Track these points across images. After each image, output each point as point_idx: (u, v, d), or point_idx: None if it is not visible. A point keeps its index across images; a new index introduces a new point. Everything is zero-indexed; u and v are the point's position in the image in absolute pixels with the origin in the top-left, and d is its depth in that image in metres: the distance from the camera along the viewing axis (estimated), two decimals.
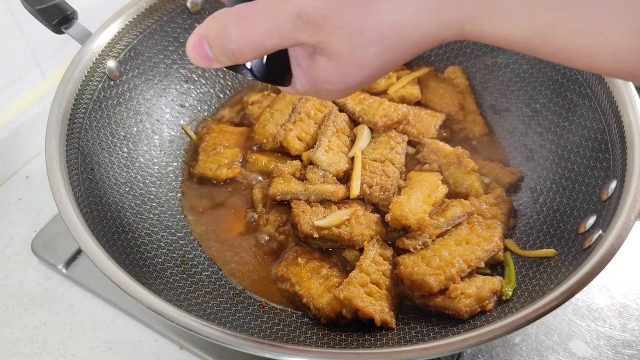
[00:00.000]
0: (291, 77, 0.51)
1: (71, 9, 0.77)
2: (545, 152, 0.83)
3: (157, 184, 0.83)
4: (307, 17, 0.43)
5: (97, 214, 0.70)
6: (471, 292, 0.67)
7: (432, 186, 0.78)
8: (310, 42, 0.44)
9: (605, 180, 0.71)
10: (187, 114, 0.91)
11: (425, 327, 0.67)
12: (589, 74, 0.77)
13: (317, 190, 0.78)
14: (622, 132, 0.70)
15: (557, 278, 0.65)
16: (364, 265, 0.71)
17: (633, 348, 0.75)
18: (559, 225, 0.74)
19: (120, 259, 0.66)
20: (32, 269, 0.85)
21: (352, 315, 0.68)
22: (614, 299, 0.79)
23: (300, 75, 0.50)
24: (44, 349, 0.77)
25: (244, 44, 0.44)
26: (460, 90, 0.92)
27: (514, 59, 0.88)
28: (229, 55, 0.45)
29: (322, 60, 0.46)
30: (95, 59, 0.78)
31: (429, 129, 0.87)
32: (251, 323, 0.69)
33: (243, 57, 0.45)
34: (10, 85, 0.95)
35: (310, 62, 0.48)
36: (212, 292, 0.73)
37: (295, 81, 0.51)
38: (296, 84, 0.51)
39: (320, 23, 0.43)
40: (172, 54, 0.89)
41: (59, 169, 0.67)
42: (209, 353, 0.74)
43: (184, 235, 0.80)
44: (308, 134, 0.85)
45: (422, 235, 0.74)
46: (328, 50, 0.45)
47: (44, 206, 0.92)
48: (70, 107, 0.73)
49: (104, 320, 0.79)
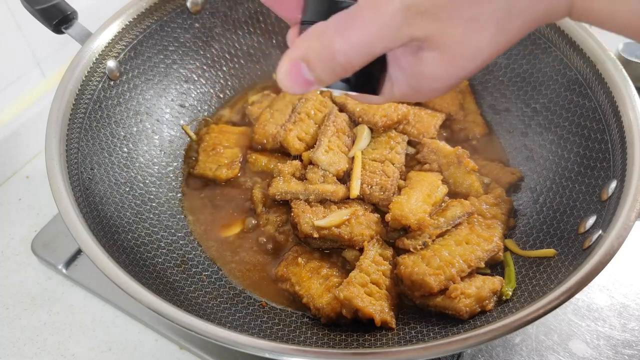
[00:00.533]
0: (384, 82, 0.48)
1: (71, 9, 0.77)
2: (545, 152, 0.83)
3: (157, 184, 0.83)
4: (418, 8, 0.40)
5: (97, 214, 0.70)
6: (471, 292, 0.67)
7: (432, 186, 0.78)
8: (422, 35, 0.41)
9: (605, 180, 0.71)
10: (187, 114, 0.91)
11: (425, 327, 0.67)
12: (589, 74, 0.77)
13: (317, 190, 0.78)
14: (622, 132, 0.70)
15: (557, 278, 0.65)
16: (364, 265, 0.71)
17: (633, 348, 0.75)
18: (559, 225, 0.74)
19: (120, 259, 0.66)
20: (32, 269, 0.85)
21: (352, 315, 0.68)
22: (614, 299, 0.79)
23: (400, 77, 0.47)
24: (44, 349, 0.77)
25: (352, 54, 0.41)
26: (460, 90, 0.92)
27: (514, 59, 0.88)
28: (336, 70, 0.42)
29: (432, 56, 0.43)
30: (95, 59, 0.78)
31: (429, 129, 0.87)
32: (251, 323, 0.69)
33: (352, 69, 0.42)
34: (10, 85, 0.95)
35: (414, 60, 0.45)
36: (212, 292, 0.73)
37: (392, 85, 0.48)
38: (394, 88, 0.48)
39: (434, 11, 0.40)
40: (172, 54, 0.89)
41: (59, 169, 0.67)
42: (209, 353, 0.74)
43: (184, 235, 0.80)
44: (308, 134, 0.85)
45: (422, 235, 0.74)
46: (441, 42, 0.42)
47: (44, 206, 0.92)
48: (70, 107, 0.73)
49: (104, 320, 0.79)
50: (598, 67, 0.75)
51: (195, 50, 0.91)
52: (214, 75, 0.94)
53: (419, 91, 0.47)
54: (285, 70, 0.43)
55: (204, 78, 0.93)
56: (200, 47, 0.92)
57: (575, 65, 0.79)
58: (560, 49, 0.81)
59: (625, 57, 0.97)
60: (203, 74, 0.93)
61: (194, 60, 0.92)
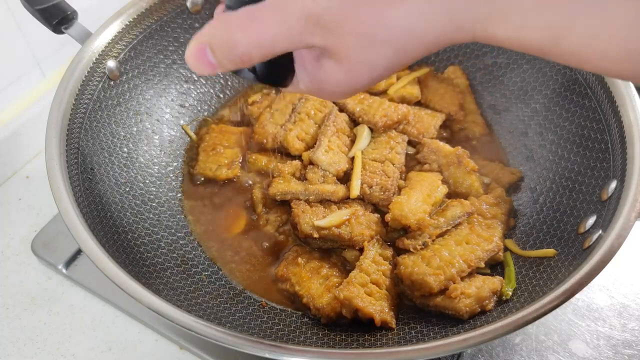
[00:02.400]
0: (293, 76, 0.50)
1: (71, 9, 0.77)
2: (545, 152, 0.83)
3: (157, 184, 0.83)
4: (318, 20, 0.42)
5: (97, 214, 0.70)
6: (471, 292, 0.67)
7: (432, 186, 0.78)
8: (320, 44, 0.44)
9: (605, 180, 0.71)
10: (187, 114, 0.91)
11: (425, 327, 0.67)
12: (588, 73, 0.77)
13: (317, 190, 0.78)
14: (622, 132, 0.70)
15: (557, 278, 0.65)
16: (364, 265, 0.71)
17: (633, 348, 0.75)
18: (559, 225, 0.74)
19: (120, 259, 0.66)
20: (32, 269, 0.85)
21: (352, 315, 0.68)
22: (614, 299, 0.79)
23: (304, 76, 0.49)
24: (44, 349, 0.77)
25: (251, 48, 0.43)
26: (460, 90, 0.92)
27: (514, 59, 0.88)
28: (235, 60, 0.44)
29: (330, 63, 0.46)
30: (95, 59, 0.78)
31: (429, 129, 0.87)
32: (251, 323, 0.69)
33: (250, 62, 0.44)
34: (10, 85, 0.95)
35: (316, 64, 0.47)
36: (212, 292, 0.73)
37: (298, 81, 0.50)
38: (299, 84, 0.50)
39: (331, 26, 0.42)
40: (172, 54, 0.89)
41: (59, 169, 0.67)
42: (209, 353, 0.74)
43: (184, 235, 0.80)
44: (308, 134, 0.85)
45: (422, 235, 0.74)
46: (338, 52, 0.44)
47: (44, 206, 0.92)
48: (70, 107, 0.73)
49: (104, 320, 0.79)
50: None
51: None
52: (213, 75, 0.94)
53: (320, 91, 0.50)
54: (192, 50, 0.45)
55: (204, 78, 0.93)
56: None
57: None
58: None
59: None
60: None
61: None
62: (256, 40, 0.43)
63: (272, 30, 0.42)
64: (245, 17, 0.43)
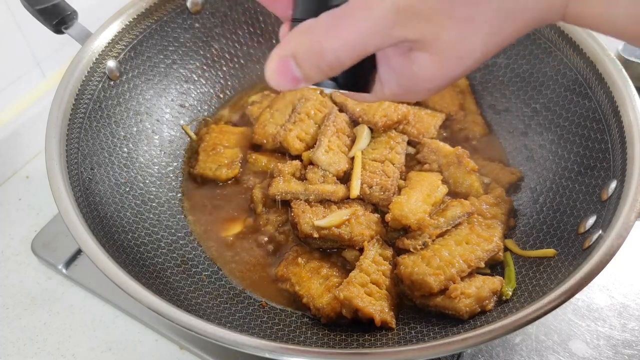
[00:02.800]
0: (374, 81, 0.48)
1: (71, 9, 0.77)
2: (545, 152, 0.83)
3: (157, 184, 0.83)
4: (412, 10, 0.39)
5: (97, 214, 0.70)
6: (471, 292, 0.67)
7: (432, 186, 0.78)
8: (414, 37, 0.41)
9: (605, 180, 0.71)
10: (187, 114, 0.91)
11: (425, 327, 0.67)
12: (589, 74, 0.77)
13: (317, 190, 0.78)
14: (622, 132, 0.70)
15: (557, 278, 0.65)
16: (364, 265, 0.71)
17: (633, 348, 0.75)
18: (559, 225, 0.74)
19: (120, 259, 0.66)
20: (32, 269, 0.85)
21: (352, 315, 0.68)
22: (614, 299, 0.79)
23: (390, 77, 0.47)
24: (44, 349, 0.77)
25: (341, 53, 0.40)
26: (460, 90, 0.92)
27: (514, 59, 0.88)
28: (324, 69, 0.41)
29: (423, 57, 0.43)
30: (95, 59, 0.78)
31: (429, 129, 0.87)
32: (251, 323, 0.69)
33: (340, 68, 0.41)
34: (10, 85, 0.95)
35: (405, 60, 0.44)
36: (212, 292, 0.73)
37: (383, 85, 0.48)
38: (384, 88, 0.48)
39: (427, 14, 0.40)
40: (172, 54, 0.89)
41: (59, 169, 0.67)
42: (209, 353, 0.74)
43: (184, 235, 0.80)
44: (308, 134, 0.85)
45: (422, 235, 0.74)
46: (433, 43, 0.42)
47: (44, 206, 0.92)
48: (70, 107, 0.73)
49: (104, 320, 0.79)
50: (598, 67, 0.75)
51: (195, 50, 0.91)
52: (214, 75, 0.94)
53: (410, 91, 0.47)
54: (274, 66, 0.42)
55: (204, 78, 0.93)
56: (200, 47, 0.92)
57: (575, 65, 0.79)
58: (560, 49, 0.81)
59: (625, 57, 0.97)
60: (203, 74, 0.93)
61: (194, 60, 0.92)
62: (346, 43, 0.40)
63: (362, 28, 0.40)
64: (330, 21, 0.41)
